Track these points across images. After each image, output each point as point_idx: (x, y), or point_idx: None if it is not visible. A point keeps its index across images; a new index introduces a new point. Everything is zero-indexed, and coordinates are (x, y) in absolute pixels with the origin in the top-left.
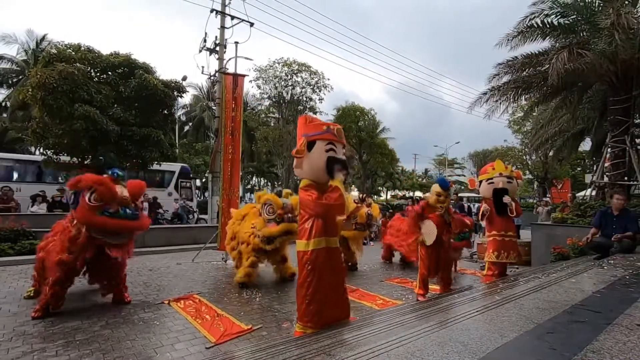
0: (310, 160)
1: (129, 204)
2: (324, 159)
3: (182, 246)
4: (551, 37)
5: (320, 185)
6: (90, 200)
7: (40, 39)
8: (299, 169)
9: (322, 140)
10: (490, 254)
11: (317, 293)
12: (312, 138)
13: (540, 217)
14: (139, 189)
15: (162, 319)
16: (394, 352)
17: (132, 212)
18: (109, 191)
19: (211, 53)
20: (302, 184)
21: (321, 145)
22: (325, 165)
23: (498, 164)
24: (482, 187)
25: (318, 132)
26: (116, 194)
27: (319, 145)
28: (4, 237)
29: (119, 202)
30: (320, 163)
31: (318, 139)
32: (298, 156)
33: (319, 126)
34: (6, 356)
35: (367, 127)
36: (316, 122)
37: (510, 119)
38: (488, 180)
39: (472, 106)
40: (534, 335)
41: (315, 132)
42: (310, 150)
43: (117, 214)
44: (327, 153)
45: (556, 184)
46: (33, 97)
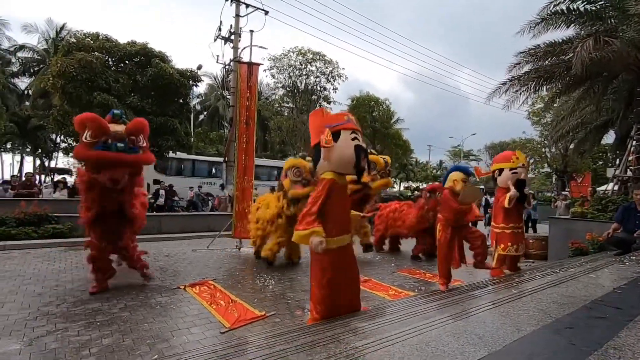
0: (339, 151)
1: (123, 138)
2: (352, 148)
3: (197, 233)
4: (576, 25)
5: (342, 181)
6: (86, 138)
7: (60, 27)
8: (326, 162)
9: (345, 130)
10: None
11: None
12: (336, 128)
13: (558, 211)
14: (139, 126)
15: (178, 303)
16: (409, 341)
17: (124, 146)
18: (100, 126)
19: (226, 42)
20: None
21: (347, 135)
22: (354, 154)
23: (520, 154)
24: (503, 174)
25: (340, 122)
26: (107, 129)
27: (344, 135)
28: (28, 221)
29: (112, 137)
30: (349, 152)
31: (342, 129)
32: (327, 146)
33: (340, 116)
34: (32, 334)
35: (382, 117)
36: (338, 113)
37: (530, 110)
38: (512, 170)
39: (491, 97)
40: (551, 329)
41: (337, 122)
42: (336, 141)
43: (109, 147)
44: (354, 141)
45: (576, 178)
46: (54, 86)
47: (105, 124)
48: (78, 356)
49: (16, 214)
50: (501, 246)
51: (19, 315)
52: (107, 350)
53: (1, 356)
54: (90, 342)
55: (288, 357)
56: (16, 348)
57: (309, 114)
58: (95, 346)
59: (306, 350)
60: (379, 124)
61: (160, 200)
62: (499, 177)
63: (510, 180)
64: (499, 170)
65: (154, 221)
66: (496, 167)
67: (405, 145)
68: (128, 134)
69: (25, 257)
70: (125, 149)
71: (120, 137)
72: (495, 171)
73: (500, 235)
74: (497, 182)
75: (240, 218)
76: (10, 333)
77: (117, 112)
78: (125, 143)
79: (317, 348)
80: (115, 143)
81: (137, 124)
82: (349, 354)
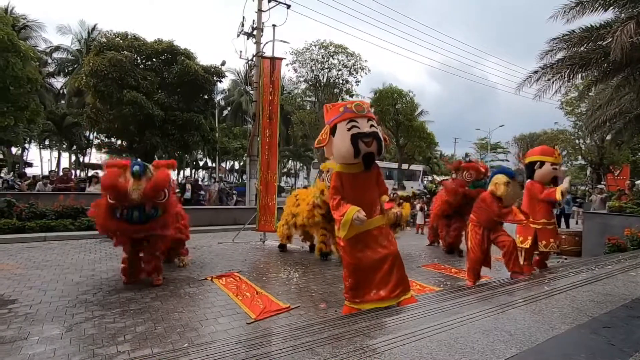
0: (336, 144)
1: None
2: (348, 138)
3: (223, 226)
4: (615, 7)
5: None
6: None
7: (92, 28)
8: (331, 157)
9: (342, 121)
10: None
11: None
12: (333, 123)
13: (593, 206)
14: (159, 187)
15: (206, 294)
16: (436, 337)
17: (139, 215)
18: (118, 196)
19: (249, 37)
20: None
21: (342, 126)
22: (350, 144)
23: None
24: (544, 168)
25: (337, 116)
26: (124, 198)
27: (339, 127)
28: (66, 214)
29: (129, 204)
30: (345, 144)
31: (338, 122)
32: (320, 145)
33: (337, 109)
34: (71, 320)
35: (405, 109)
36: (336, 106)
37: (563, 100)
38: (553, 165)
39: (521, 86)
40: (588, 329)
41: (334, 116)
42: (334, 135)
43: (125, 217)
44: (350, 131)
45: (613, 170)
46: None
47: (120, 192)
48: (114, 342)
49: (55, 207)
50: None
51: (60, 303)
52: (141, 337)
53: (44, 340)
54: (124, 329)
55: (314, 349)
56: (58, 333)
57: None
58: (130, 333)
59: (332, 342)
60: (402, 117)
61: (187, 194)
62: (539, 170)
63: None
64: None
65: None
66: (537, 159)
67: (430, 138)
68: (145, 198)
69: (64, 247)
70: (142, 217)
71: (138, 204)
72: (536, 162)
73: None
74: (535, 175)
75: (264, 212)
76: (52, 319)
77: (135, 169)
78: (141, 211)
79: (343, 341)
80: (132, 213)
81: (157, 185)
82: (375, 348)
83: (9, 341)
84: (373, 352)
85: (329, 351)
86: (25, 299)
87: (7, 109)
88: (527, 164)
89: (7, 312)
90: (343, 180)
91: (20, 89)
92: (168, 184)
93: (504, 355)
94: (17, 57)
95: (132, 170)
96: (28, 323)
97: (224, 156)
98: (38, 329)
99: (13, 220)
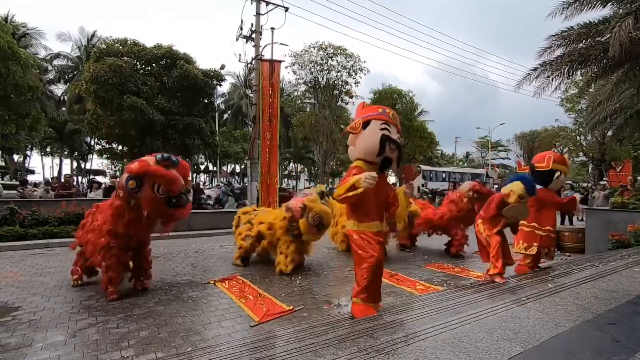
0: (364, 138)
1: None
2: (378, 136)
3: (225, 230)
4: (613, 3)
5: (369, 169)
6: (158, 192)
7: (91, 35)
8: (352, 147)
9: (377, 120)
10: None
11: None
12: (367, 118)
13: (596, 202)
14: (186, 172)
15: (209, 297)
16: (441, 336)
17: (185, 199)
18: (174, 183)
19: (247, 40)
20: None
21: (376, 124)
22: (379, 142)
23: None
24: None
25: (373, 113)
26: (180, 185)
27: (373, 124)
28: (69, 220)
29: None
30: (374, 140)
31: (373, 119)
32: (353, 132)
33: (375, 108)
34: (75, 326)
35: (405, 109)
36: (374, 106)
37: (563, 97)
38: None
39: (520, 84)
40: (593, 325)
41: (371, 113)
42: (365, 129)
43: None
44: (382, 131)
45: (615, 166)
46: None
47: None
48: (118, 347)
49: (57, 214)
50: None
51: (63, 309)
52: (144, 342)
53: (48, 347)
54: (128, 334)
55: (317, 350)
56: (62, 339)
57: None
58: (133, 338)
59: (336, 344)
60: (402, 117)
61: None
62: (557, 180)
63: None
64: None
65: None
66: (559, 168)
67: (430, 138)
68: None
69: (67, 254)
70: (187, 200)
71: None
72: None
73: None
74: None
75: None
76: (56, 325)
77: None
78: (186, 195)
79: (347, 342)
80: (182, 197)
81: (186, 170)
82: (379, 348)
83: (13, 348)
84: (377, 353)
85: (333, 352)
86: (28, 305)
87: (8, 117)
88: (548, 171)
89: (11, 320)
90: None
91: (21, 97)
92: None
93: (509, 353)
94: (18, 65)
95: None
96: (32, 330)
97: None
98: (42, 335)
99: (16, 228)
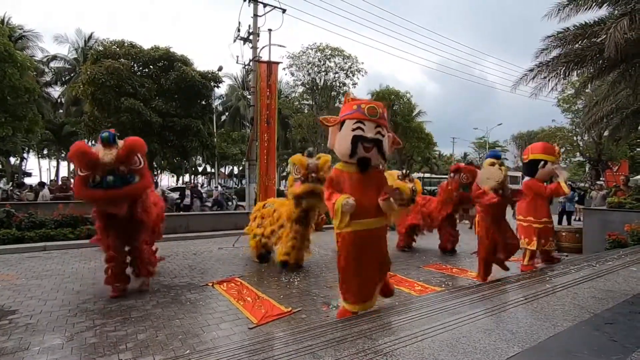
0: (338, 139)
1: (113, 170)
2: (349, 138)
3: (223, 231)
4: (609, 4)
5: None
6: (80, 171)
7: (88, 37)
8: (334, 147)
9: (350, 119)
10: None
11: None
12: (342, 118)
13: (593, 202)
14: (131, 149)
15: (207, 300)
16: (439, 337)
17: (115, 179)
18: (87, 162)
19: (245, 42)
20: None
21: (348, 124)
22: (350, 144)
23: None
24: (547, 168)
25: (348, 112)
26: (94, 164)
27: (346, 124)
28: (66, 223)
29: (102, 171)
30: (345, 142)
31: (347, 119)
32: (326, 124)
33: (351, 105)
34: (72, 329)
35: (403, 110)
36: (352, 102)
37: (560, 97)
38: (554, 164)
39: (517, 85)
40: (590, 325)
41: (346, 112)
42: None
43: (101, 184)
44: (353, 132)
45: (611, 166)
46: (84, 93)
47: (91, 157)
48: (115, 350)
49: (55, 216)
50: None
51: (61, 312)
52: (142, 345)
53: (45, 350)
54: (126, 337)
55: (316, 352)
56: (59, 343)
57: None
58: (131, 341)
59: (334, 345)
60: (399, 118)
61: (187, 200)
62: (543, 170)
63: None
64: (544, 161)
65: (181, 220)
66: (541, 157)
67: (428, 139)
68: (119, 162)
69: (64, 257)
70: (117, 181)
71: (110, 169)
72: (539, 161)
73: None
74: (538, 174)
75: None
76: (53, 329)
77: (104, 135)
78: (116, 175)
79: (345, 344)
80: (105, 178)
81: (129, 147)
82: (377, 350)
83: (10, 352)
84: (375, 354)
85: (331, 354)
86: (25, 309)
87: (5, 119)
88: (530, 161)
89: (7, 323)
90: (340, 177)
91: (18, 99)
92: (142, 148)
93: (507, 354)
94: (15, 68)
95: (101, 136)
96: (29, 333)
97: (223, 161)
98: (39, 339)
99: (12, 231)
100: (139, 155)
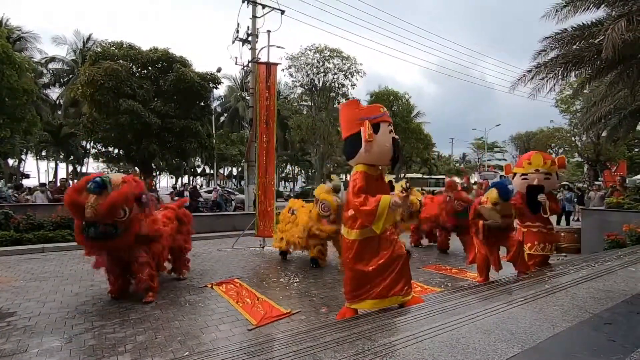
0: (379, 143)
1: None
2: (391, 140)
3: (222, 233)
4: (607, 5)
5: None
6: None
7: (87, 38)
8: (367, 153)
9: (384, 122)
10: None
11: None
12: (375, 120)
13: (592, 203)
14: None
15: (206, 301)
16: (438, 338)
17: (95, 231)
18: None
19: (244, 43)
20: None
21: (385, 127)
22: (392, 146)
23: (536, 158)
24: (515, 180)
25: (378, 115)
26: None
27: (383, 127)
28: (64, 224)
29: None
30: (388, 144)
31: (381, 121)
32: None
33: (376, 108)
34: (71, 331)
35: (401, 111)
36: (375, 106)
37: (558, 98)
38: (522, 176)
39: (515, 85)
40: (589, 326)
41: (375, 114)
42: (376, 133)
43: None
44: (391, 134)
45: (610, 167)
46: (83, 94)
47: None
48: (114, 352)
49: (53, 218)
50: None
51: (59, 314)
52: (141, 347)
53: (44, 352)
54: (125, 339)
55: (315, 354)
56: (57, 345)
57: (340, 106)
58: (130, 343)
59: (333, 347)
60: (398, 119)
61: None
62: (514, 182)
63: (520, 186)
64: (514, 174)
65: None
66: (514, 171)
67: (427, 140)
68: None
69: (62, 258)
70: (98, 234)
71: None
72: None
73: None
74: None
75: (263, 217)
76: (52, 331)
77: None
78: (97, 228)
79: (345, 345)
80: (88, 229)
81: (112, 203)
82: (377, 350)
83: (8, 354)
84: (375, 355)
85: (330, 355)
86: (24, 311)
87: (3, 121)
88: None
89: (6, 325)
90: (367, 180)
91: (16, 101)
92: (128, 201)
93: (506, 354)
94: (13, 69)
95: (87, 187)
96: (27, 336)
97: (221, 162)
98: (37, 341)
99: (10, 232)
100: (126, 207)
